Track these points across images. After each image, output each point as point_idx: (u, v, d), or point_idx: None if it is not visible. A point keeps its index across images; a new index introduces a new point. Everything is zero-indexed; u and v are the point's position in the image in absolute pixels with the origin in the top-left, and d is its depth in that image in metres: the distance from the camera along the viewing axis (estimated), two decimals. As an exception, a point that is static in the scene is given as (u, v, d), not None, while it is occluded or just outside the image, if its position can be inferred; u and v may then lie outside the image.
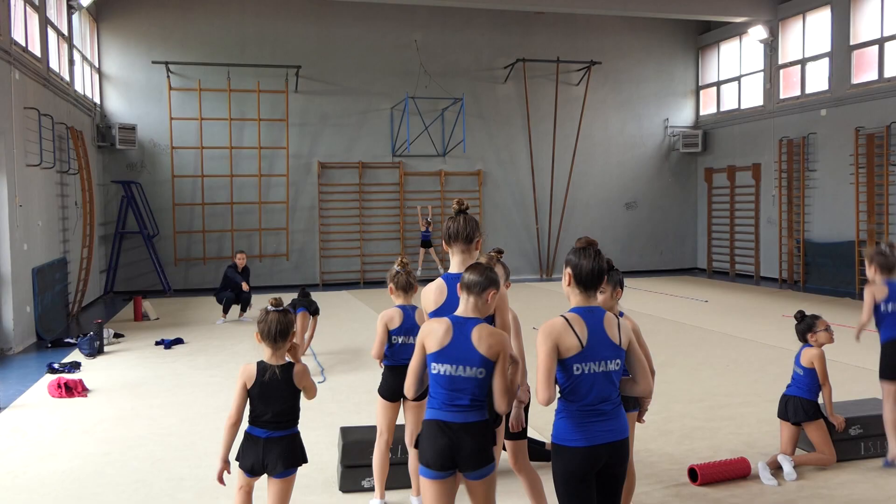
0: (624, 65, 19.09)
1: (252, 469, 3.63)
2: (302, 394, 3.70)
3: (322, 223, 17.46)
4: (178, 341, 10.41)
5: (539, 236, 18.70)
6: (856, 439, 5.42)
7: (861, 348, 6.62)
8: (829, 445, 5.18)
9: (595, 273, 3.11)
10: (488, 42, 18.26)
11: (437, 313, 3.63)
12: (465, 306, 3.26)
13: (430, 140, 17.57)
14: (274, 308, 3.64)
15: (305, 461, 3.72)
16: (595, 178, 19.10)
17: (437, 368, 3.19)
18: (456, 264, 3.73)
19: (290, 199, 17.23)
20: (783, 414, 5.32)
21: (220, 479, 3.63)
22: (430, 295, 3.67)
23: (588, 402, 3.05)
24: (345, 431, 5.25)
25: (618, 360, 3.09)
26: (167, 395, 7.63)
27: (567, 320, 3.06)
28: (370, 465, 4.90)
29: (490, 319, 3.52)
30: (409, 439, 4.51)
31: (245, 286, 12.16)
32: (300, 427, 3.76)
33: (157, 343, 10.27)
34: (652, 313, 12.35)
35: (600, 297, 3.45)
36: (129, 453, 5.81)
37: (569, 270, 3.15)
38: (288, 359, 3.68)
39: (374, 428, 4.95)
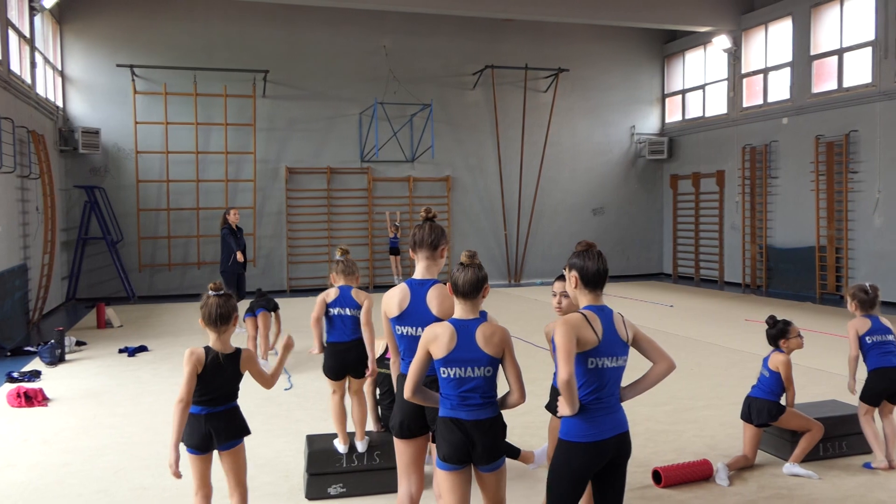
0: (591, 72, 19.29)
1: (198, 446, 3.75)
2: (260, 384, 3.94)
3: (290, 229, 17.36)
4: (143, 349, 10.26)
5: (507, 242, 18.79)
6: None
7: (821, 351, 6.75)
8: (810, 420, 5.33)
9: (600, 272, 3.28)
10: (457, 48, 18.33)
11: (400, 319, 3.66)
12: (464, 308, 3.36)
13: (399, 146, 17.58)
14: (214, 293, 3.81)
15: (248, 433, 3.89)
16: (563, 185, 19.25)
17: (446, 373, 3.31)
18: (420, 271, 3.75)
19: (258, 204, 17.11)
20: (746, 416, 5.41)
21: (177, 471, 3.64)
22: (394, 299, 3.69)
23: (598, 397, 3.19)
24: (311, 439, 5.23)
25: (625, 357, 3.26)
26: (130, 403, 7.51)
27: (585, 316, 3.21)
28: (336, 473, 4.96)
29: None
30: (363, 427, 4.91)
31: (240, 256, 11.23)
32: (264, 432, 3.82)
33: (121, 351, 10.12)
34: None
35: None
36: (91, 463, 5.72)
37: (574, 273, 3.28)
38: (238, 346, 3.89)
39: (335, 435, 5.18)
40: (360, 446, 5.04)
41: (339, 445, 5.05)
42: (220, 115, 16.65)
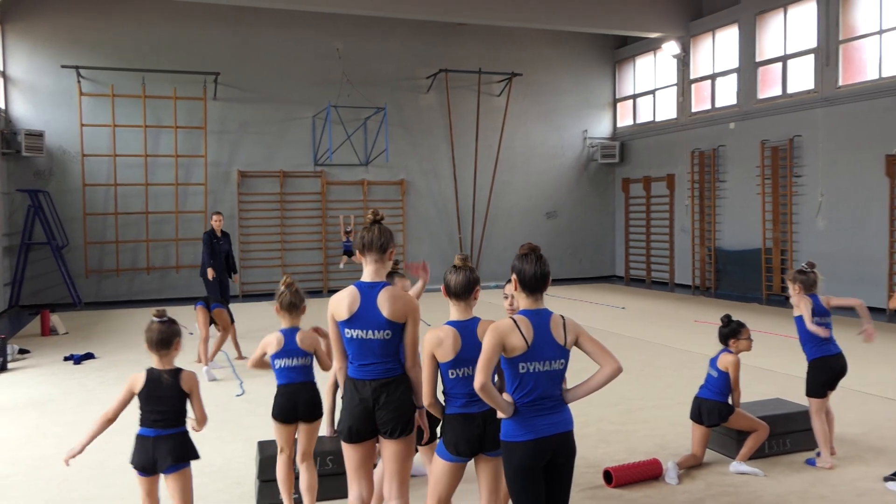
0: (544, 77, 19.47)
1: (143, 468, 3.81)
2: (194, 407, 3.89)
3: (242, 233, 17.13)
4: (89, 356, 10.02)
5: (462, 245, 18.83)
6: (760, 438, 5.66)
7: (767, 350, 6.91)
8: (757, 421, 5.45)
9: (538, 277, 3.29)
10: (411, 52, 18.34)
11: (350, 322, 3.63)
12: (458, 310, 3.53)
13: (353, 149, 17.50)
14: (158, 319, 3.96)
15: (196, 457, 3.89)
16: (517, 188, 19.38)
17: (454, 374, 3.45)
18: (369, 273, 3.73)
19: (209, 208, 16.84)
20: (696, 417, 5.51)
21: (67, 460, 3.93)
22: (343, 303, 3.65)
23: (532, 400, 3.23)
24: (262, 445, 5.16)
25: (562, 360, 3.27)
26: (76, 412, 7.33)
27: (514, 321, 3.24)
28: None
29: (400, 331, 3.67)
30: (301, 458, 4.53)
31: (210, 273, 10.74)
32: (215, 438, 3.77)
33: (66, 358, 9.86)
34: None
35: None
36: (35, 474, 5.57)
37: (514, 276, 3.32)
38: (178, 364, 3.95)
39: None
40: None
41: None
42: (169, 117, 16.37)
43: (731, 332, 5.56)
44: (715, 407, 5.41)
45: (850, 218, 13.78)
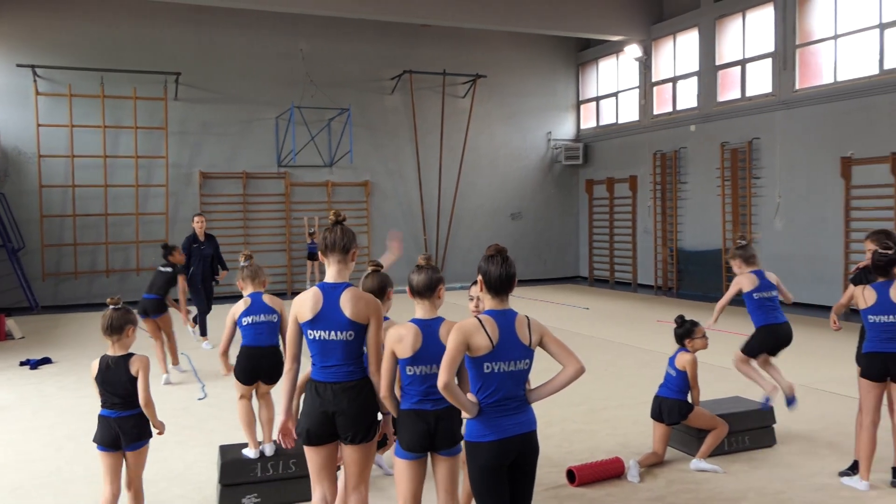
0: (508, 79, 19.56)
1: (107, 444, 4.17)
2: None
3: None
4: (46, 361, 9.81)
5: (427, 247, 18.83)
6: (720, 436, 5.75)
7: (726, 348, 7.01)
8: (716, 418, 5.54)
9: (503, 278, 3.31)
10: (375, 53, 18.29)
11: (313, 323, 3.62)
12: (423, 308, 3.58)
13: (317, 150, 17.39)
14: (113, 306, 4.28)
15: (150, 436, 4.25)
16: (481, 190, 19.44)
17: (412, 371, 3.48)
18: (332, 275, 3.73)
19: (170, 209, 16.62)
20: (657, 415, 5.57)
21: None
22: (307, 303, 3.65)
23: (496, 400, 3.25)
24: (224, 450, 5.12)
25: (527, 361, 3.30)
26: (31, 418, 7.17)
27: (480, 321, 3.27)
28: (250, 483, 4.87)
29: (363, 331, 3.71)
30: (278, 432, 4.47)
31: (181, 282, 9.40)
32: (176, 444, 3.90)
33: (22, 363, 9.64)
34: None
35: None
36: (-13, 482, 5.43)
37: (480, 277, 3.35)
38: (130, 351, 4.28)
39: (246, 445, 5.11)
40: (269, 449, 4.99)
41: (249, 452, 4.97)
42: (129, 117, 16.10)
43: (686, 333, 5.65)
44: (675, 405, 5.48)
45: (807, 219, 14.06)
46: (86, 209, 15.99)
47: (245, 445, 5.08)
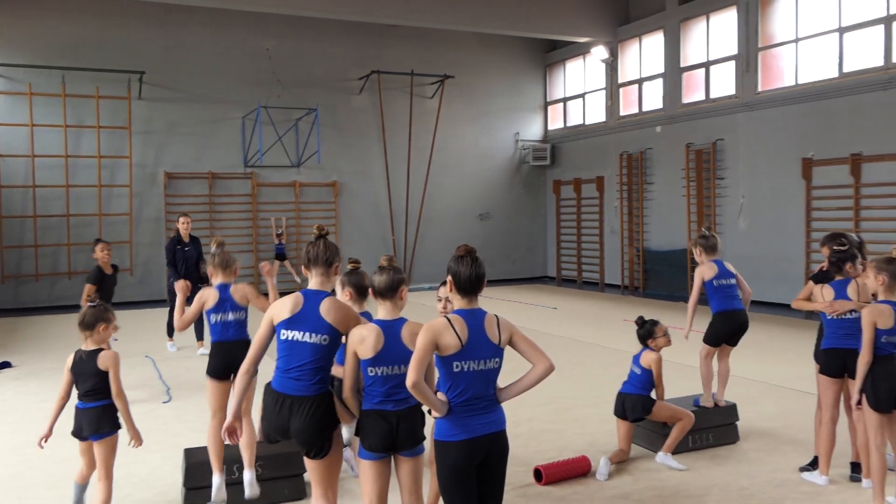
0: (476, 80, 19.61)
1: (75, 434, 4.42)
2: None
3: (169, 236, 16.63)
4: (6, 365, 9.61)
5: (395, 247, 18.80)
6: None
7: (691, 347, 7.10)
8: (680, 410, 5.61)
9: (472, 278, 3.32)
10: (343, 53, 18.21)
11: (289, 322, 3.63)
12: (385, 309, 3.58)
13: (284, 151, 17.27)
14: (90, 303, 4.51)
15: (118, 428, 4.40)
16: (450, 190, 19.46)
17: (374, 371, 3.47)
18: (315, 285, 3.78)
19: (134, 210, 16.38)
20: (620, 412, 5.62)
21: (39, 443, 4.43)
22: (286, 305, 3.68)
23: (466, 399, 3.25)
24: (188, 453, 5.06)
25: (496, 359, 3.31)
26: (-10, 423, 7.02)
27: (449, 321, 3.27)
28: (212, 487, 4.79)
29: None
30: (224, 429, 4.41)
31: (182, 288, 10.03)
32: (140, 447, 4.33)
33: (-19, 367, 9.44)
34: (504, 321, 12.71)
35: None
36: (-56, 489, 5.30)
37: (450, 277, 3.34)
38: (102, 346, 4.44)
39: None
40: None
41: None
42: (91, 117, 15.84)
43: (647, 334, 5.70)
44: (638, 401, 5.54)
45: (769, 219, 14.30)
46: (47, 210, 15.69)
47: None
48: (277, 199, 17.70)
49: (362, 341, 3.49)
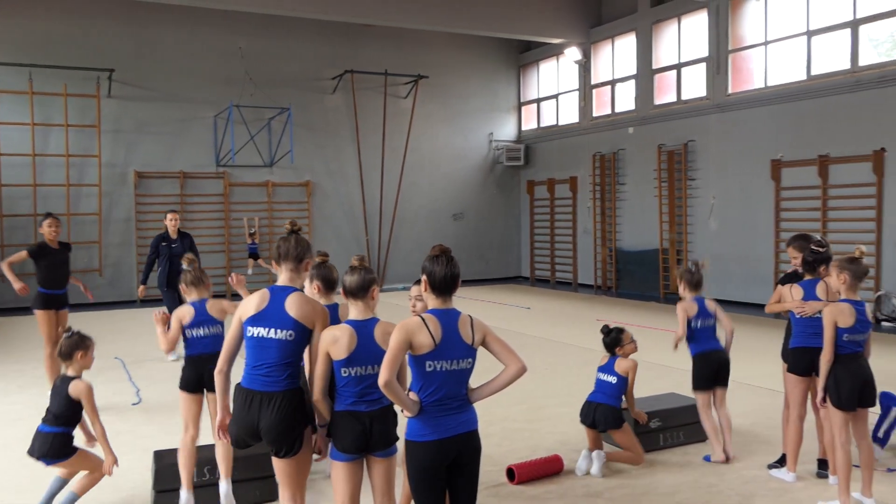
0: (450, 80, 19.62)
1: (28, 451, 4.52)
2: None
3: (139, 236, 16.49)
4: (-30, 367, 9.43)
5: (369, 247, 18.75)
6: (655, 431, 5.88)
7: (665, 346, 7.17)
8: (637, 446, 5.47)
9: (448, 278, 3.33)
10: (316, 52, 18.12)
11: (255, 319, 3.61)
12: (357, 309, 3.56)
13: (257, 150, 17.14)
14: (66, 334, 4.59)
15: (66, 457, 4.47)
16: (423, 190, 19.44)
17: (347, 372, 3.45)
18: (283, 281, 3.75)
19: (103, 210, 16.16)
20: (590, 422, 5.48)
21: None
22: (253, 301, 3.67)
23: (438, 399, 3.25)
24: (158, 455, 5.01)
25: (469, 360, 3.32)
26: (-47, 427, 6.88)
27: (423, 320, 3.27)
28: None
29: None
30: (215, 432, 4.41)
31: (141, 291, 10.13)
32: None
33: (-55, 370, 9.26)
34: (478, 321, 12.74)
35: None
36: None
37: (424, 277, 3.35)
38: (72, 373, 4.55)
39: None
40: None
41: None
42: (59, 115, 15.60)
43: (614, 342, 5.60)
44: (610, 411, 5.40)
45: (739, 219, 14.48)
46: (13, 209, 15.43)
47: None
48: (250, 199, 17.57)
49: (335, 342, 3.47)
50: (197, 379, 4.77)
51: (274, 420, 3.51)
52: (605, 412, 5.42)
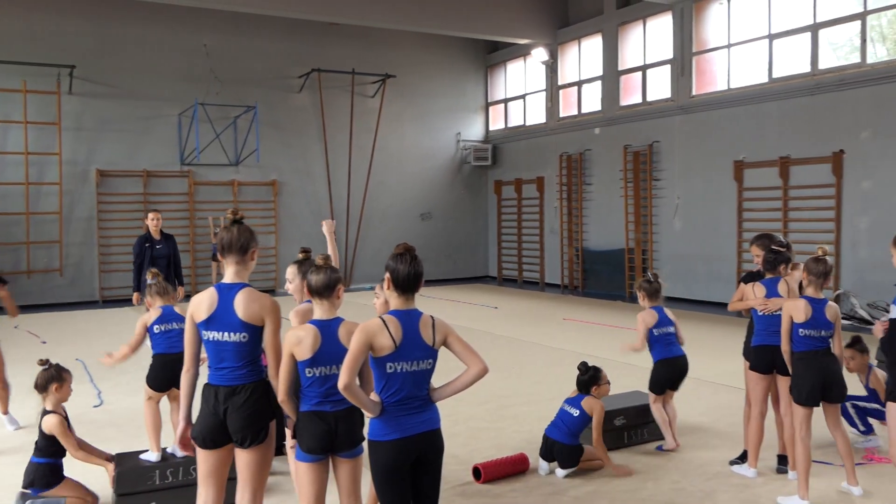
0: (418, 79, 19.60)
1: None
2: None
3: (101, 235, 16.22)
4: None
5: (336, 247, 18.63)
6: (619, 429, 5.94)
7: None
8: (604, 457, 5.37)
9: (411, 277, 3.31)
10: (282, 50, 17.98)
11: (207, 323, 3.56)
12: (322, 309, 3.53)
13: (222, 149, 16.95)
14: (41, 367, 4.71)
15: (51, 486, 4.58)
16: (391, 190, 19.40)
17: (311, 372, 3.43)
18: (230, 275, 3.66)
19: (64, 209, 15.86)
20: (548, 456, 5.42)
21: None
22: (202, 303, 3.59)
23: (399, 400, 3.25)
24: (120, 458, 4.93)
25: (430, 360, 3.31)
26: None
27: (383, 321, 3.26)
28: (148, 491, 4.72)
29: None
30: (177, 439, 4.36)
31: (135, 298, 9.37)
32: None
33: None
34: (446, 321, 12.74)
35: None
36: None
37: (387, 275, 3.33)
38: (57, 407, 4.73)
39: (145, 451, 4.99)
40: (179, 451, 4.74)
41: (151, 455, 4.84)
42: (18, 112, 15.26)
43: (592, 380, 5.51)
44: (566, 450, 5.32)
45: (703, 219, 14.68)
46: (-29, 208, 15.09)
47: (143, 451, 4.91)
48: (215, 198, 17.38)
49: (299, 343, 3.44)
50: (165, 377, 4.86)
51: (240, 409, 3.49)
52: (562, 451, 5.32)
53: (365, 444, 3.50)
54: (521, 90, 19.73)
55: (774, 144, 13.25)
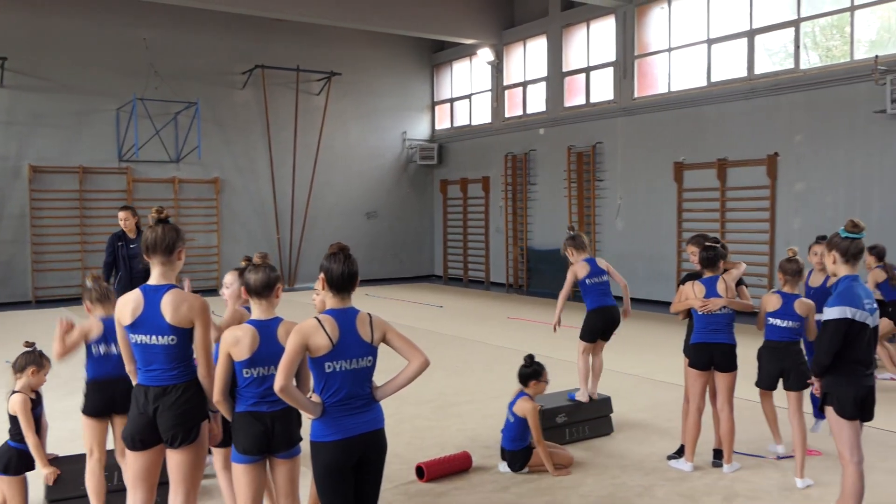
0: (364, 77, 19.48)
1: None
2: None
3: (35, 233, 15.69)
4: None
5: (280, 246, 18.43)
6: (561, 426, 6.01)
7: (571, 343, 7.32)
8: (548, 461, 5.35)
9: (346, 276, 3.28)
10: (225, 46, 17.67)
11: (133, 327, 3.48)
12: (260, 308, 3.48)
13: (163, 145, 16.57)
14: (26, 349, 4.53)
15: (21, 473, 4.42)
16: (337, 188, 19.25)
17: (249, 373, 3.39)
18: (155, 276, 3.57)
19: (-5, 206, 15.30)
20: (508, 463, 5.46)
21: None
22: (128, 306, 3.50)
23: (340, 399, 3.22)
24: (51, 462, 4.75)
25: (369, 358, 3.28)
26: None
27: (319, 321, 3.22)
28: (80, 497, 4.55)
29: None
30: (118, 453, 4.27)
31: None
32: None
33: None
34: (391, 319, 12.65)
35: None
36: None
37: (322, 275, 3.31)
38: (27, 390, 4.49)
39: (83, 456, 4.61)
40: None
41: None
42: (-54, 104, 14.69)
43: (534, 374, 5.52)
44: (516, 456, 5.39)
45: (644, 219, 14.96)
46: None
47: (82, 457, 4.71)
48: (155, 196, 16.94)
49: (237, 343, 3.40)
50: (105, 403, 4.33)
51: (171, 408, 3.43)
52: (513, 457, 5.40)
53: (303, 445, 3.47)
54: (467, 90, 19.80)
55: (712, 146, 13.58)
